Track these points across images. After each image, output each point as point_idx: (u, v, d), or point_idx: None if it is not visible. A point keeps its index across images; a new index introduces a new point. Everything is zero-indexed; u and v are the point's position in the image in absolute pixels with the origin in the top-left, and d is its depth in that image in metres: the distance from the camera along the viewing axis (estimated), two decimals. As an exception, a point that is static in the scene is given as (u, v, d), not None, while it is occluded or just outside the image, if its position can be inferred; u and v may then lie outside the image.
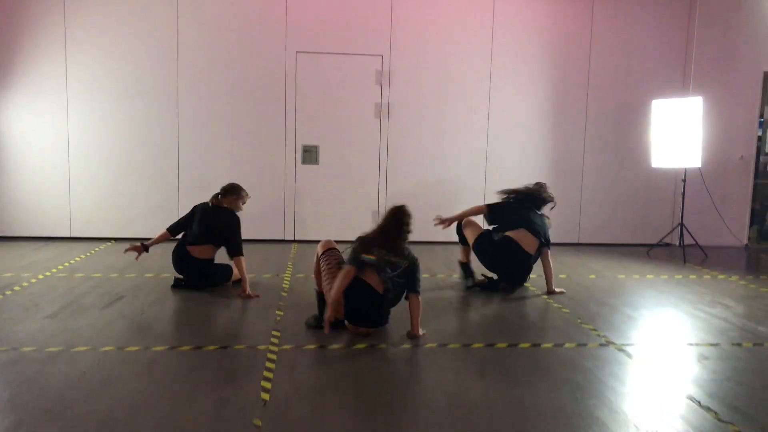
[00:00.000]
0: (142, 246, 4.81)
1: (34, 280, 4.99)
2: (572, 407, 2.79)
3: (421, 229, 5.59)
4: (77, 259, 5.89)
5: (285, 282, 5.14)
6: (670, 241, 7.31)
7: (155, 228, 5.69)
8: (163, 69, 6.79)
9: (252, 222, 6.92)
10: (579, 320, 4.28)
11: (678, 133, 6.62)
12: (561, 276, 5.67)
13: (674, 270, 6.13)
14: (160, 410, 2.58)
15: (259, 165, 7.01)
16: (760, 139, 7.54)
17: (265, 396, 2.73)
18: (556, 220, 7.36)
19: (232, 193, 4.84)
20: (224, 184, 4.93)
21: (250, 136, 6.99)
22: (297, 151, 7.04)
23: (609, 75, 7.30)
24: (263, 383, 2.89)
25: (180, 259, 4.76)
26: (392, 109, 7.08)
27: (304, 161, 7.07)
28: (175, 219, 5.11)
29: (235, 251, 4.64)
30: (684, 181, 6.86)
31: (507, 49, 7.17)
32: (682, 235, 6.82)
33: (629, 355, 3.58)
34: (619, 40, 7.28)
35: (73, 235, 6.85)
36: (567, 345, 3.72)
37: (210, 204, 4.80)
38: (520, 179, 7.33)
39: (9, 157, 6.75)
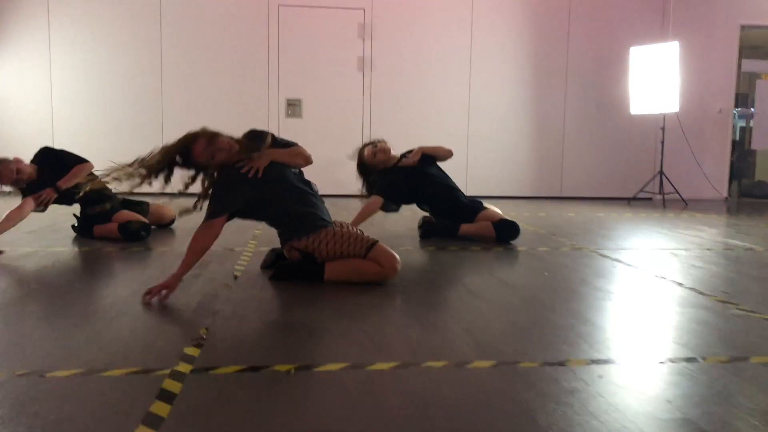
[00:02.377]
0: None
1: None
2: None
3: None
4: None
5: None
6: (652, 195, 7.39)
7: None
8: (144, 22, 6.81)
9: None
10: (554, 235, 4.34)
11: (656, 79, 6.70)
12: (540, 214, 5.74)
13: (653, 213, 6.20)
14: None
15: (243, 119, 6.97)
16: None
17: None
18: (537, 173, 7.51)
19: None
20: None
21: (234, 90, 7.02)
22: (281, 105, 7.08)
23: (588, 24, 7.38)
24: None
25: None
26: (375, 62, 7.13)
27: (288, 115, 7.11)
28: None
29: None
30: (663, 129, 6.95)
31: (487, 1, 7.23)
32: (661, 183, 6.90)
33: (602, 256, 3.64)
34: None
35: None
36: (541, 248, 3.78)
37: None
38: (503, 132, 7.49)
39: (-8, 110, 6.75)
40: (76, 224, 4.08)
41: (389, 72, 7.17)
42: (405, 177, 4.20)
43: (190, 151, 2.72)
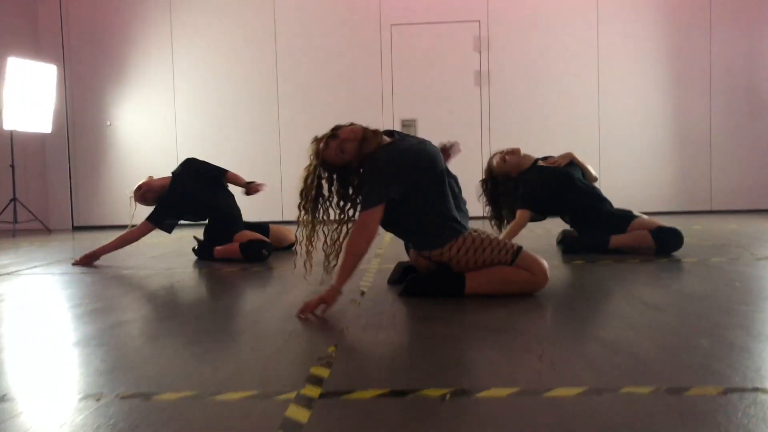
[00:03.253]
0: None
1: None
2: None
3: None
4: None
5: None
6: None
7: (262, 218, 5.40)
8: (261, 53, 6.86)
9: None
10: (724, 245, 3.67)
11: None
12: (695, 227, 5.00)
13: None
14: None
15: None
16: None
17: None
18: (681, 185, 6.68)
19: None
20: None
21: (348, 113, 6.82)
22: (396, 127, 6.84)
23: (734, 13, 6.55)
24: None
25: None
26: (492, 76, 6.74)
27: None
28: (276, 205, 4.67)
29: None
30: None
31: (613, 5, 6.65)
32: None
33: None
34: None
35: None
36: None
37: None
38: (639, 143, 6.77)
39: (122, 152, 7.03)
40: (196, 247, 3.98)
41: (509, 84, 6.74)
42: (547, 179, 3.71)
43: (325, 160, 2.40)
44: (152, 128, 6.98)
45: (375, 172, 2.34)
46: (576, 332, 1.91)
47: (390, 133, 2.56)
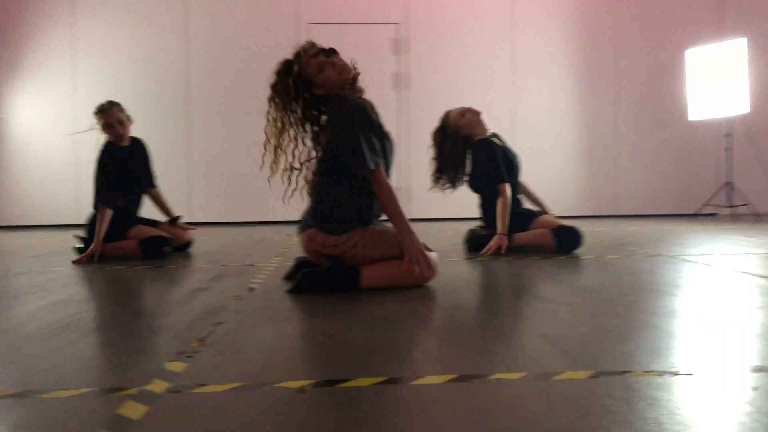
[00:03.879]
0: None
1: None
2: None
3: (441, 205, 5.18)
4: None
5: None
6: (717, 211, 6.70)
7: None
8: (171, 50, 6.58)
9: (272, 203, 6.60)
10: (621, 245, 3.76)
11: (720, 81, 6.11)
12: (599, 228, 5.14)
13: (724, 225, 5.54)
14: None
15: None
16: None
17: None
18: (589, 190, 6.89)
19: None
20: (235, 165, 4.29)
21: (260, 111, 6.69)
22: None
23: (639, 29, 6.85)
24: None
25: None
26: (410, 78, 6.74)
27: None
28: (183, 206, 4.28)
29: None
30: (728, 135, 6.31)
31: (528, 7, 6.81)
32: (729, 195, 6.22)
33: (686, 260, 3.05)
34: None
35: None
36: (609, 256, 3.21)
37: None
38: (549, 148, 6.94)
39: (14, 146, 6.56)
40: (82, 246, 3.68)
41: (426, 87, 6.75)
42: (505, 152, 3.68)
43: (302, 66, 2.37)
44: (49, 122, 6.54)
45: (363, 116, 2.32)
46: (458, 323, 1.85)
47: None
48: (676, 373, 1.27)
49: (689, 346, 1.52)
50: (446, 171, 3.72)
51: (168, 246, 3.66)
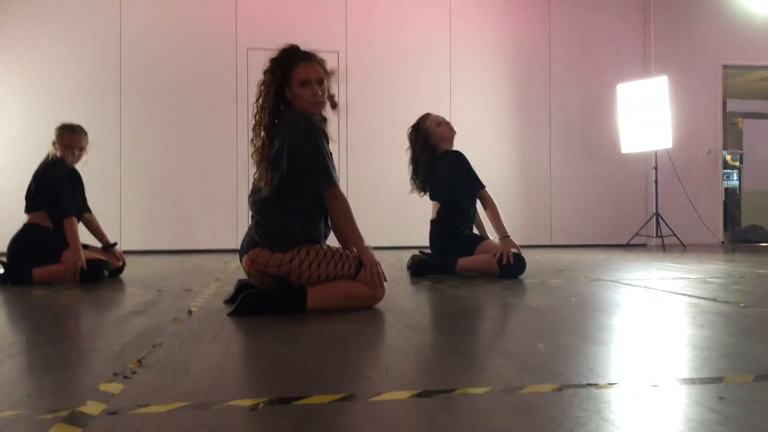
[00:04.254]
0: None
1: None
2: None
3: (382, 232, 5.15)
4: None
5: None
6: (647, 241, 6.98)
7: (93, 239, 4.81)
8: (104, 68, 6.34)
9: (206, 231, 6.41)
10: (561, 270, 3.82)
11: (646, 116, 6.41)
12: (535, 257, 5.22)
13: (656, 254, 5.76)
14: None
15: (211, 166, 6.51)
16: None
17: None
18: (525, 221, 7.04)
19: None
20: (171, 189, 4.16)
21: (202, 135, 6.52)
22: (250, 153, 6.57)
23: (570, 65, 7.14)
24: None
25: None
26: (350, 105, 6.74)
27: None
28: (116, 228, 4.04)
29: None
30: (655, 168, 6.61)
31: (465, 45, 6.98)
32: (658, 225, 6.49)
33: (626, 284, 3.12)
34: (577, 29, 7.17)
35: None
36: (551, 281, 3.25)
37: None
38: (484, 178, 7.03)
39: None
40: (2, 272, 3.40)
41: (366, 115, 6.77)
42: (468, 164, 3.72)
43: (293, 69, 2.36)
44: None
45: (318, 134, 2.26)
46: (413, 341, 1.79)
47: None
48: (641, 385, 1.25)
49: (645, 358, 1.51)
50: (418, 173, 3.75)
51: (107, 270, 3.46)
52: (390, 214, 6.57)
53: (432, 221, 3.77)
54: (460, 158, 3.71)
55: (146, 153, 6.40)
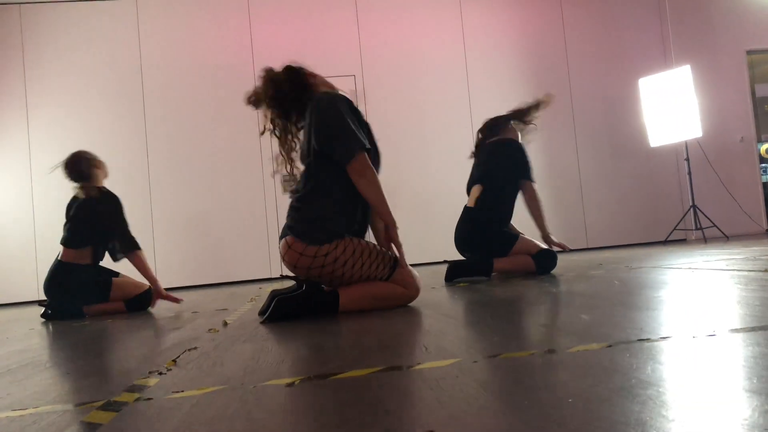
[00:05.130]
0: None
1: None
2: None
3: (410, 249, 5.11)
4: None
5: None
6: (686, 235, 6.78)
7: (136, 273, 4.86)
8: (128, 104, 6.50)
9: (237, 262, 6.44)
10: (600, 264, 3.71)
11: (672, 107, 6.29)
12: (572, 258, 5.11)
13: (697, 246, 5.58)
14: None
15: (238, 202, 6.58)
16: (756, 119, 7.22)
17: None
18: (558, 227, 6.90)
19: (83, 165, 3.63)
20: (200, 223, 4.16)
21: (227, 169, 6.61)
22: (276, 182, 6.63)
23: (588, 64, 7.07)
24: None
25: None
26: (371, 127, 6.76)
27: (285, 191, 6.63)
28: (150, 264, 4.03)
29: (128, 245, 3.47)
30: (687, 160, 6.45)
31: (480, 57, 6.98)
32: (696, 217, 6.30)
33: (670, 268, 3.01)
34: (591, 26, 7.11)
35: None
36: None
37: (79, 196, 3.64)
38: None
39: (-31, 217, 6.30)
40: (48, 311, 3.43)
41: (386, 134, 6.77)
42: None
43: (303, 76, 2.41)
44: (2, 187, 6.32)
45: (343, 109, 2.26)
46: (450, 324, 1.73)
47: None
48: (696, 336, 1.18)
49: (697, 316, 1.44)
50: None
51: (151, 298, 3.50)
52: (410, 232, 6.51)
53: (467, 207, 3.70)
54: (520, 148, 3.66)
55: (174, 189, 6.49)
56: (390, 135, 6.75)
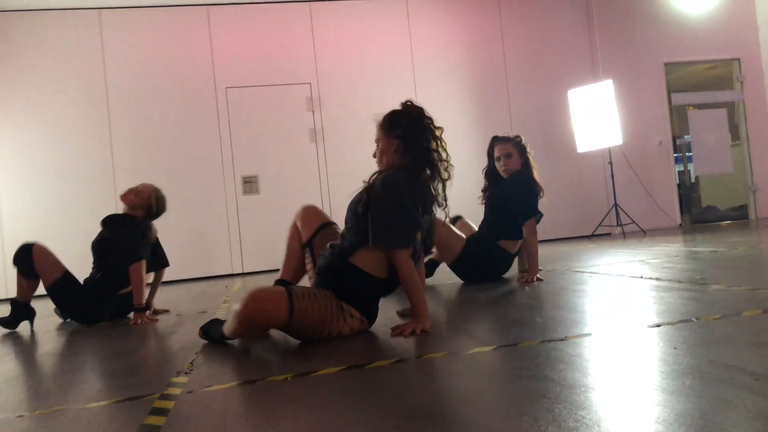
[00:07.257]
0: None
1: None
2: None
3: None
4: None
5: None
6: (610, 230, 7.57)
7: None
8: (93, 113, 6.81)
9: (199, 259, 6.86)
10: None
11: (597, 117, 7.03)
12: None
13: (616, 242, 6.33)
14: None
15: (200, 202, 7.00)
16: (672, 124, 8.06)
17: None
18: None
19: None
20: (156, 228, 4.44)
21: (188, 172, 7.00)
22: (237, 184, 7.08)
23: (525, 76, 7.75)
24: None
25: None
26: (326, 132, 7.28)
27: (245, 192, 7.11)
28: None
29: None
30: (610, 163, 7.22)
31: (427, 66, 7.55)
32: (617, 215, 7.10)
33: (577, 271, 3.66)
34: (528, 41, 7.78)
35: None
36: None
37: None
38: (456, 187, 7.61)
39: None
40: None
41: (340, 139, 7.30)
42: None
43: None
44: (-27, 198, 6.57)
45: (389, 195, 2.38)
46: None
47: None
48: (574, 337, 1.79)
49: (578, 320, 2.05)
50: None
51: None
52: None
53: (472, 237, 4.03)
54: (528, 183, 3.99)
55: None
56: (344, 140, 7.28)
